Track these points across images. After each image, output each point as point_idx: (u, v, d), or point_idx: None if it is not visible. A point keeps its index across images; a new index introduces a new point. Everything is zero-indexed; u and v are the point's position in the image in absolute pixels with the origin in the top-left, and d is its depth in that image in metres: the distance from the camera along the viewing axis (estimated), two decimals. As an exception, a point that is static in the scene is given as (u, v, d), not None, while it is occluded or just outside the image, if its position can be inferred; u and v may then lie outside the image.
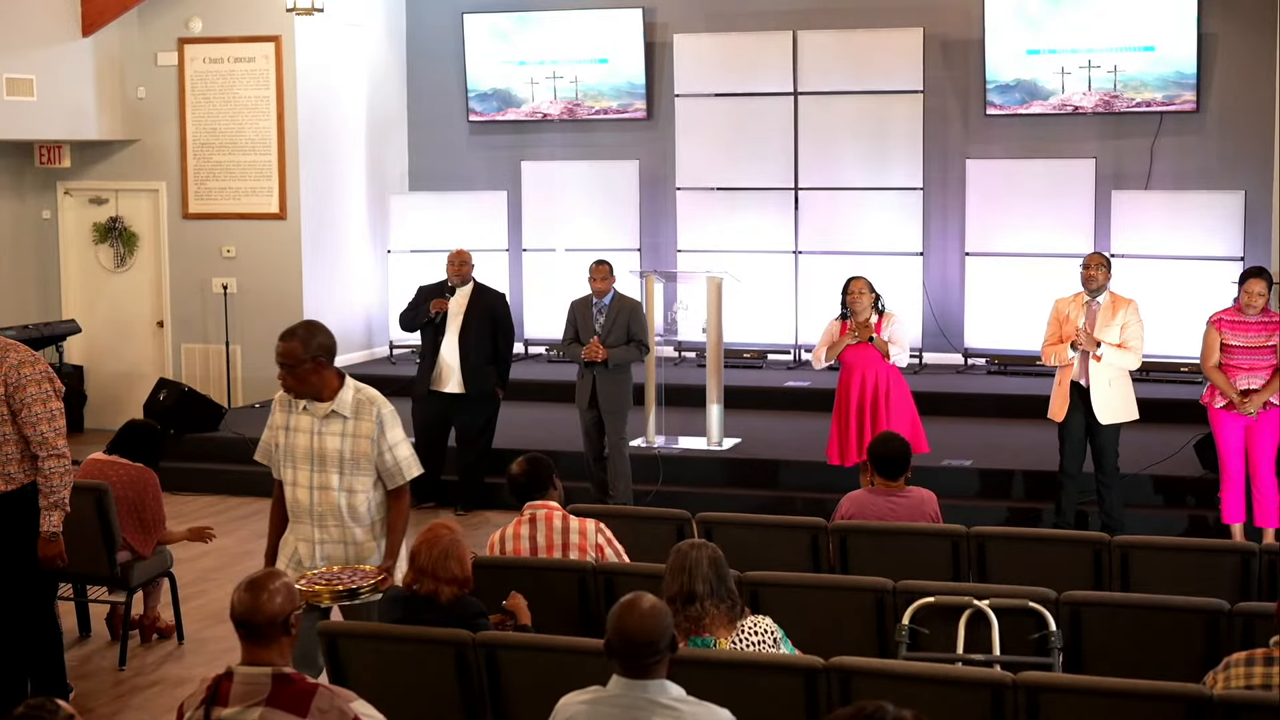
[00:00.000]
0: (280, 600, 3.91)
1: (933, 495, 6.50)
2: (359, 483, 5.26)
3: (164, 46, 12.17)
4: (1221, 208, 11.30)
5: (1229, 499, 8.11)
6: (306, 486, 5.28)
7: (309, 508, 5.28)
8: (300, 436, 5.30)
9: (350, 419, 5.25)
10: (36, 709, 3.42)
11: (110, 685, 6.72)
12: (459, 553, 4.86)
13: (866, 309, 8.51)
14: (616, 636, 3.81)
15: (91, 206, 12.49)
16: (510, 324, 9.91)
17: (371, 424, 5.24)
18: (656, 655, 3.79)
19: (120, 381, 12.37)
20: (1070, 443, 8.25)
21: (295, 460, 5.30)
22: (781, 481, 9.54)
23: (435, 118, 13.43)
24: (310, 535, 5.30)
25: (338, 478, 5.25)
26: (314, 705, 3.77)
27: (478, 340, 9.63)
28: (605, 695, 3.84)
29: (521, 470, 5.82)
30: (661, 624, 3.81)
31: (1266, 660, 4.18)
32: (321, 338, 5.29)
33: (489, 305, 9.74)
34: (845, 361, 8.54)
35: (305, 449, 5.28)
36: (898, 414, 8.40)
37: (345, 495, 5.25)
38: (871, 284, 8.60)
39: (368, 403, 5.28)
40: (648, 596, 3.88)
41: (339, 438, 5.24)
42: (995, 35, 11.86)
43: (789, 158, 12.29)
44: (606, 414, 9.18)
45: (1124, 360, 8.09)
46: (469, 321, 9.64)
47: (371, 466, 5.26)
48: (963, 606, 5.19)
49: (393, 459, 5.28)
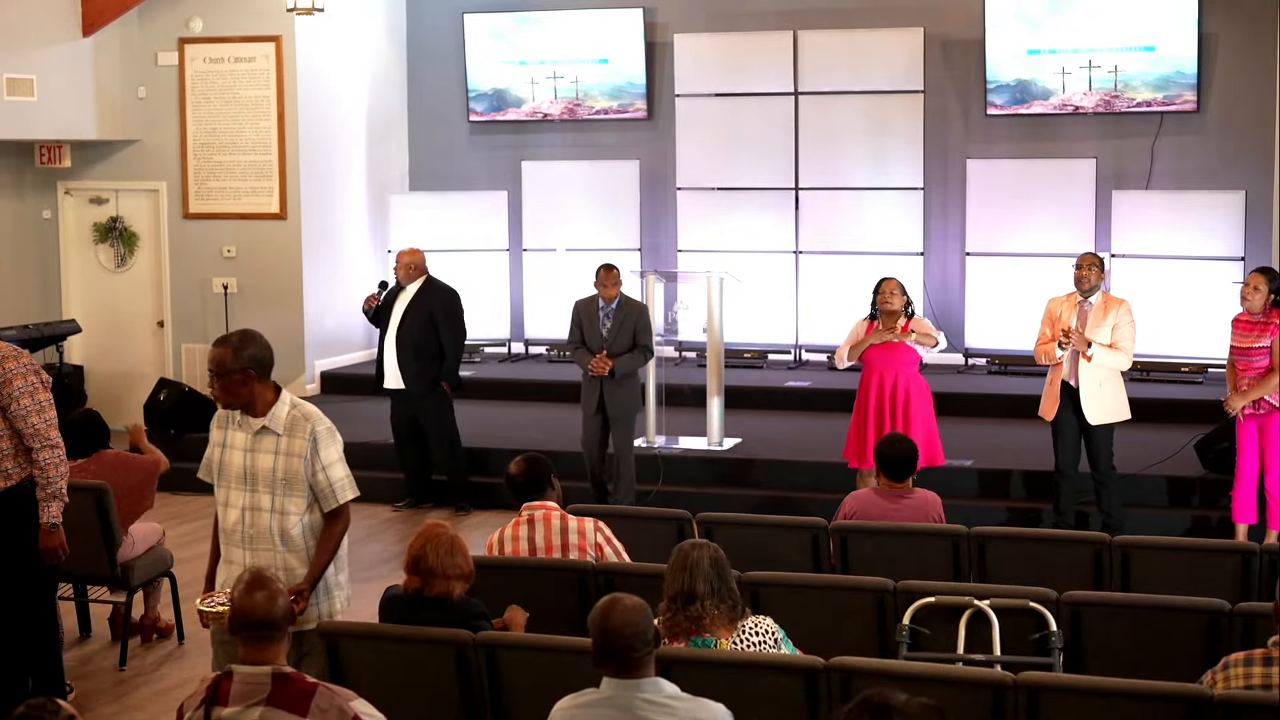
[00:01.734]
0: (280, 601, 3.92)
1: (937, 497, 6.51)
2: (291, 504, 4.92)
3: (164, 46, 12.16)
4: (1222, 208, 11.30)
5: (1240, 499, 8.08)
6: (238, 507, 4.97)
7: (241, 530, 4.97)
8: (234, 454, 4.99)
9: (283, 436, 4.92)
10: (37, 709, 3.42)
11: (110, 685, 6.72)
12: (462, 547, 4.85)
13: (898, 311, 8.41)
14: (602, 636, 3.85)
15: (92, 206, 12.49)
16: (457, 320, 9.83)
17: (304, 442, 4.90)
18: (645, 649, 3.84)
19: (120, 381, 12.37)
20: (1063, 442, 8.25)
21: (229, 479, 5.00)
22: (781, 481, 9.54)
23: (435, 118, 13.43)
24: (241, 559, 4.95)
25: (270, 498, 4.93)
26: (314, 704, 3.78)
27: (414, 338, 9.65)
28: (599, 698, 3.85)
29: (520, 470, 5.81)
30: (645, 618, 3.86)
31: (1266, 660, 4.18)
32: (254, 349, 4.92)
33: (430, 303, 9.73)
34: (867, 362, 8.44)
35: (239, 467, 4.97)
36: (916, 419, 8.27)
37: (277, 518, 4.92)
38: (904, 287, 8.53)
39: (303, 419, 4.94)
40: (626, 595, 3.93)
41: (271, 455, 4.93)
42: (996, 35, 11.86)
43: (789, 158, 12.29)
44: (614, 420, 9.18)
45: (1114, 361, 8.08)
46: (406, 319, 9.69)
47: (305, 487, 4.92)
48: (963, 607, 5.19)
49: (326, 480, 4.94)
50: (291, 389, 12.24)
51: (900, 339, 8.34)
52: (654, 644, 3.90)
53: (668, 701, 3.81)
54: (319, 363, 12.42)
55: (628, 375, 9.19)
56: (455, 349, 9.81)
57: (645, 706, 3.79)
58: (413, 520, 9.65)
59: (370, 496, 10.01)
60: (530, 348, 13.00)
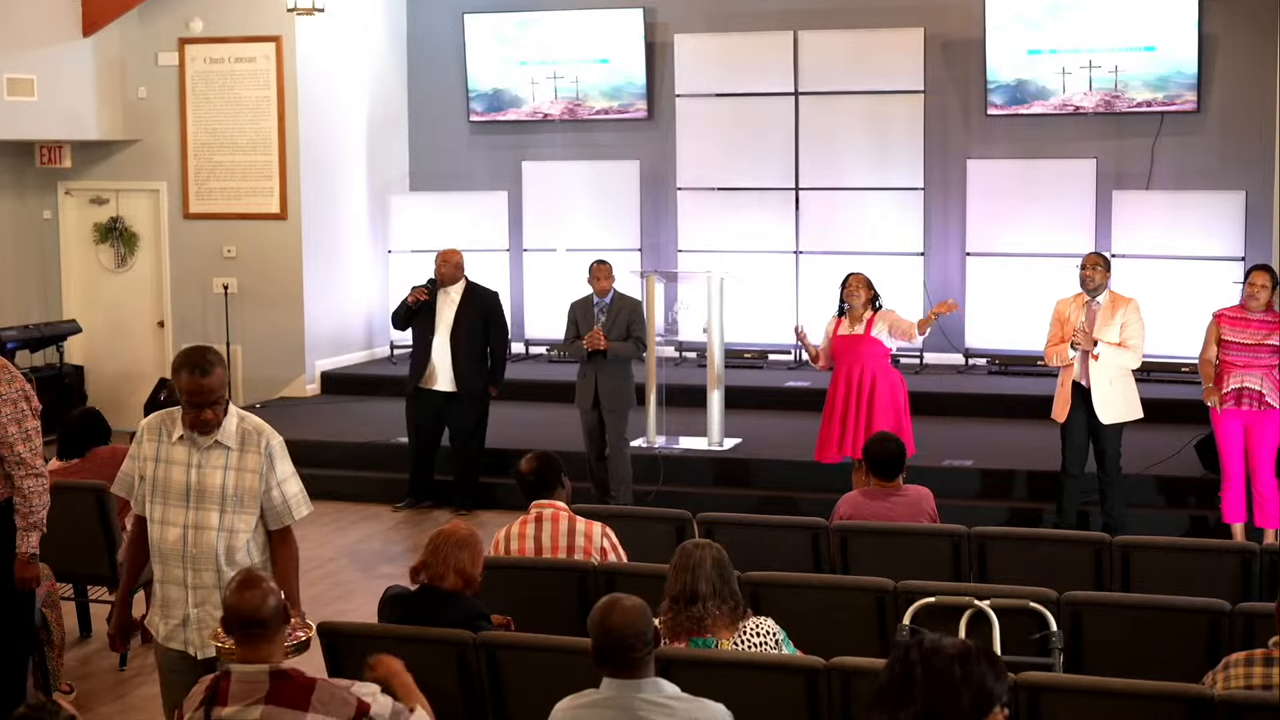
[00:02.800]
0: (273, 600, 3.92)
1: (929, 492, 6.51)
2: (241, 522, 4.63)
3: (165, 46, 12.17)
4: (1222, 208, 11.30)
5: (1229, 499, 8.10)
6: (179, 525, 4.62)
7: (181, 550, 4.63)
8: (175, 470, 4.64)
9: (235, 450, 4.63)
10: (38, 710, 3.42)
11: (110, 685, 6.72)
12: (473, 549, 4.82)
13: (863, 305, 8.46)
14: (602, 636, 3.85)
15: (92, 206, 12.50)
16: (504, 323, 9.86)
17: (259, 457, 4.64)
18: (645, 649, 3.84)
19: (121, 381, 12.37)
20: (1072, 443, 8.24)
21: (167, 496, 4.64)
22: (782, 481, 9.53)
23: (436, 118, 13.43)
24: (181, 579, 4.64)
25: (218, 516, 4.61)
26: (314, 699, 3.79)
27: (469, 339, 9.61)
28: (599, 698, 3.85)
29: (530, 468, 5.80)
30: (645, 619, 3.86)
31: (1266, 660, 4.18)
32: (224, 367, 4.64)
33: (481, 304, 9.71)
34: (836, 356, 8.53)
35: (180, 484, 4.62)
36: (882, 411, 8.28)
37: (225, 536, 4.61)
38: (870, 280, 8.55)
39: (254, 433, 4.67)
40: (626, 596, 3.94)
41: (222, 471, 4.62)
42: (996, 35, 11.86)
43: (790, 158, 12.29)
44: (608, 413, 9.18)
45: (1122, 359, 8.09)
46: (460, 320, 9.62)
47: (256, 504, 4.65)
48: (963, 606, 5.19)
49: (281, 496, 4.68)
50: (291, 389, 12.44)
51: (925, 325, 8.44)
52: (654, 644, 3.89)
53: (667, 701, 3.81)
54: (319, 363, 12.42)
55: (621, 366, 9.19)
56: (504, 353, 9.82)
57: (645, 706, 3.79)
58: (413, 520, 9.65)
59: (369, 497, 10.05)
60: (530, 348, 13.00)
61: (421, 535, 9.19)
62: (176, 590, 4.66)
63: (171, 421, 4.67)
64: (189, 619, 4.65)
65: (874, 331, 8.41)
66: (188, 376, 4.52)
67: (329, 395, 12.27)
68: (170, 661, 4.71)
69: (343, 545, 8.98)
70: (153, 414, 4.77)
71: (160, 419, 4.71)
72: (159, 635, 4.71)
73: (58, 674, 6.38)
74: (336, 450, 10.39)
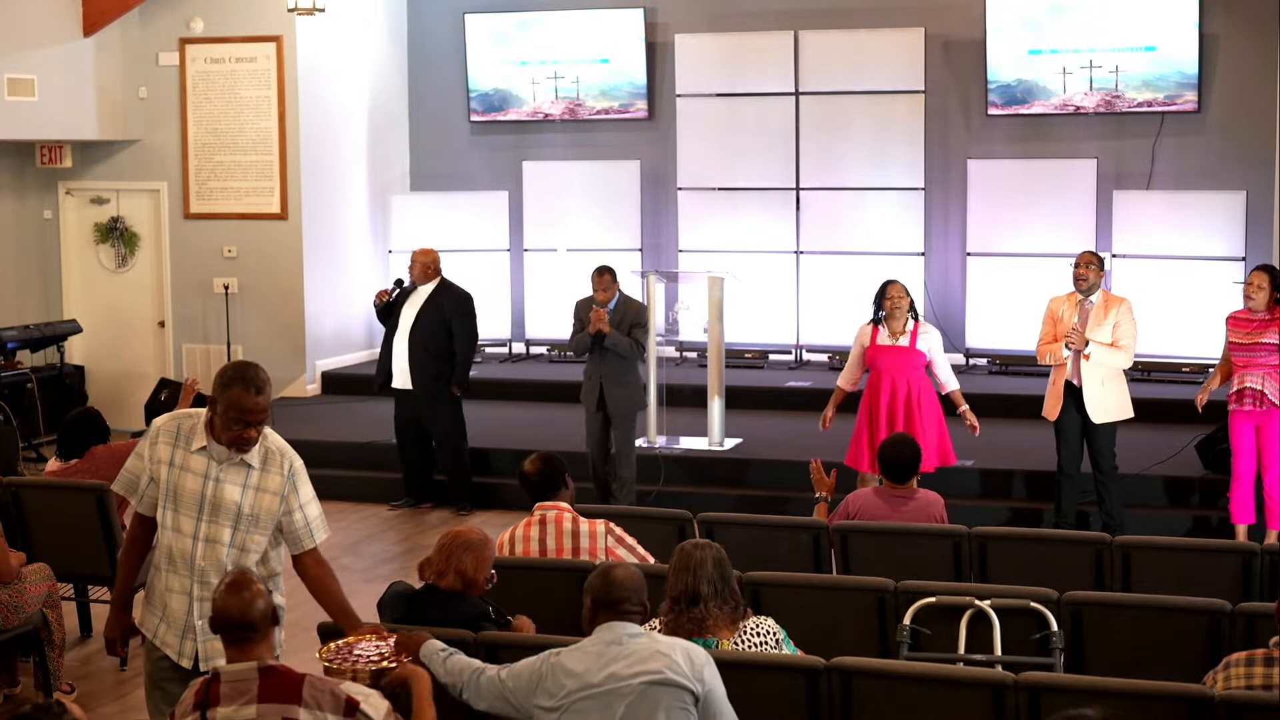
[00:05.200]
0: (261, 602, 3.92)
1: (939, 498, 6.50)
2: (254, 541, 4.54)
3: (165, 46, 12.17)
4: (1223, 208, 11.29)
5: (1238, 499, 8.07)
6: (190, 536, 4.52)
7: (190, 560, 4.52)
8: (189, 479, 4.53)
9: (257, 470, 4.54)
10: (42, 710, 3.41)
11: (111, 685, 6.71)
12: (478, 553, 4.82)
13: (904, 314, 8.26)
14: (604, 585, 4.19)
15: (93, 206, 12.50)
16: (470, 323, 9.78)
17: (282, 479, 4.56)
18: (639, 606, 4.19)
19: (121, 381, 12.37)
20: (1066, 442, 8.24)
21: (179, 504, 4.53)
22: (782, 481, 9.53)
23: (436, 118, 13.43)
24: (187, 589, 4.54)
25: (230, 532, 4.52)
26: (305, 693, 3.80)
27: (427, 339, 9.61)
28: (585, 641, 4.17)
29: (535, 469, 5.79)
30: (641, 580, 4.24)
31: (1266, 660, 4.18)
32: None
33: (447, 304, 9.70)
34: (876, 367, 8.23)
35: (194, 494, 4.52)
36: (929, 422, 8.13)
37: (235, 553, 4.52)
38: (906, 288, 8.39)
39: (277, 453, 4.58)
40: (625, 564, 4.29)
41: (240, 489, 4.52)
42: (997, 35, 11.85)
43: (790, 158, 12.29)
44: (615, 419, 9.18)
45: (1114, 359, 8.08)
46: (419, 320, 9.64)
47: (272, 525, 4.57)
48: (964, 607, 5.19)
49: (304, 518, 4.61)
50: (292, 389, 12.44)
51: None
52: (645, 612, 4.21)
53: (646, 633, 4.17)
54: (319, 363, 12.42)
55: (626, 373, 9.19)
56: (467, 352, 9.79)
57: (626, 640, 4.10)
58: (412, 520, 9.65)
59: (370, 496, 10.05)
60: (531, 348, 13.00)
61: (421, 535, 9.20)
62: (179, 600, 4.56)
63: (190, 428, 4.56)
64: (194, 630, 4.55)
65: (919, 344, 8.23)
66: (240, 393, 4.40)
67: (329, 395, 12.27)
68: (161, 671, 4.62)
69: (343, 545, 8.97)
70: (166, 417, 4.67)
71: (177, 423, 4.60)
72: (155, 637, 4.61)
73: (58, 674, 6.39)
74: (336, 450, 10.39)
